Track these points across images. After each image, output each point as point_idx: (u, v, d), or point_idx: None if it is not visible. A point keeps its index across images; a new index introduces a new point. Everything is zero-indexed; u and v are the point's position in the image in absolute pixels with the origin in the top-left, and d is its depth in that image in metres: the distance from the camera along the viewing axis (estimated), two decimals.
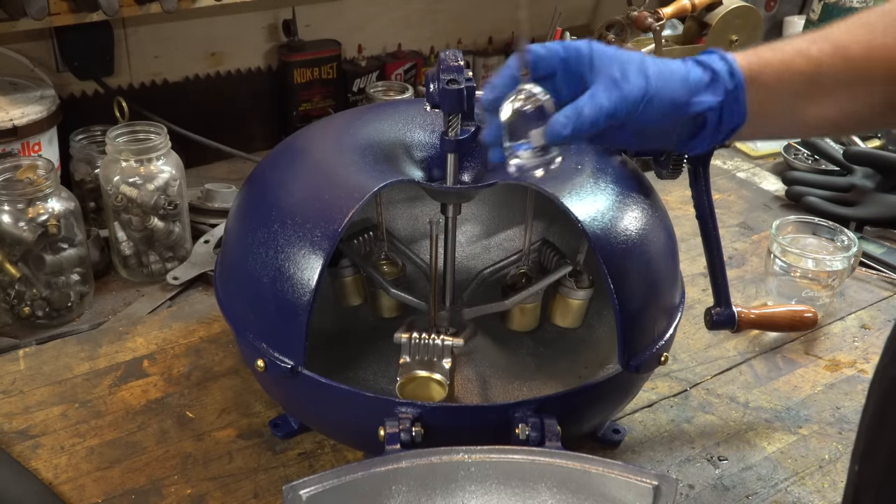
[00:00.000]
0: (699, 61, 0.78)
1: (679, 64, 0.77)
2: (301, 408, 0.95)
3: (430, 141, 0.98)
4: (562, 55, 0.76)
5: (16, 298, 1.17)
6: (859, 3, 1.82)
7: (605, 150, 0.95)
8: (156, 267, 1.28)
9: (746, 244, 1.43)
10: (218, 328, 1.16)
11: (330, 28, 1.67)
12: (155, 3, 1.34)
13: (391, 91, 1.58)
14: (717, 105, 0.76)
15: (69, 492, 0.92)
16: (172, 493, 0.92)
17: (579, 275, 1.05)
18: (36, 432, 0.99)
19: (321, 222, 0.84)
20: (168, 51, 1.53)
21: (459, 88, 0.86)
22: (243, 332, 0.90)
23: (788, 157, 1.65)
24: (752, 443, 1.03)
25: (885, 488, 0.63)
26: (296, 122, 1.64)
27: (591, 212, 0.86)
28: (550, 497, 0.77)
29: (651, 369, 0.94)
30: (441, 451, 0.77)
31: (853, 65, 0.75)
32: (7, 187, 1.13)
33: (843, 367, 1.16)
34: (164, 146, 1.24)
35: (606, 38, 1.59)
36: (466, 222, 1.19)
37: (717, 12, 1.60)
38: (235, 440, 1.00)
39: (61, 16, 1.29)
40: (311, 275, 0.83)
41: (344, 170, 0.90)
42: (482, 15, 1.83)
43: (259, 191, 0.94)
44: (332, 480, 0.75)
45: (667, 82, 0.75)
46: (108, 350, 1.13)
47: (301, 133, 1.02)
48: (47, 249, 1.15)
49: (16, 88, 1.33)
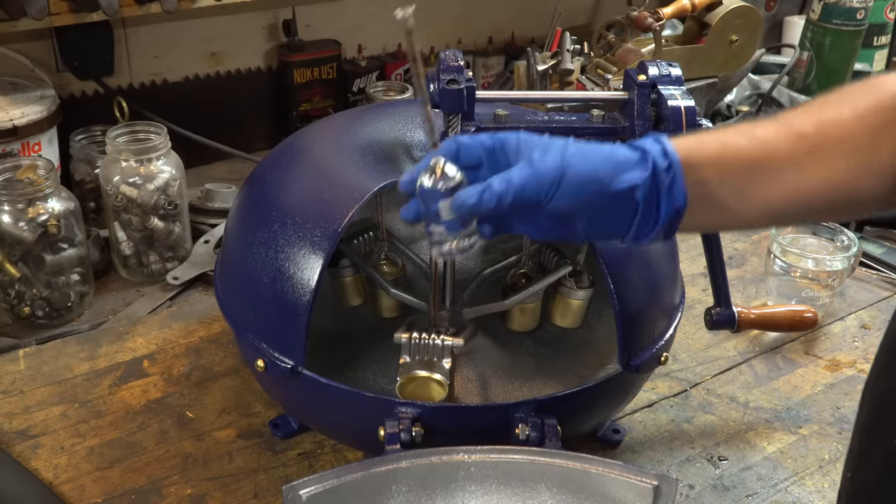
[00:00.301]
0: (631, 143, 0.73)
1: (608, 145, 0.73)
2: (301, 408, 0.95)
3: None
4: (487, 145, 0.73)
5: (16, 298, 1.17)
6: (859, 3, 1.82)
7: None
8: (156, 267, 1.28)
9: (746, 244, 1.43)
10: (218, 328, 1.16)
11: (330, 28, 1.67)
12: (155, 3, 1.34)
13: (391, 91, 1.58)
14: (644, 181, 0.70)
15: (69, 492, 0.92)
16: (172, 493, 0.92)
17: (579, 275, 1.05)
18: (36, 432, 0.99)
19: (321, 222, 0.84)
20: (168, 51, 1.53)
21: (459, 88, 0.86)
22: (243, 332, 0.90)
23: None
24: (752, 443, 1.03)
25: (881, 492, 0.63)
26: (296, 122, 1.64)
27: None
28: (550, 497, 0.77)
29: (651, 369, 0.94)
30: (441, 451, 0.77)
31: (806, 141, 0.71)
32: (7, 187, 1.13)
33: (844, 367, 1.16)
34: (164, 146, 1.24)
35: (606, 38, 1.59)
36: None
37: (717, 12, 1.60)
38: (235, 440, 1.00)
39: (61, 16, 1.29)
40: (311, 275, 0.83)
41: (344, 170, 0.90)
42: (482, 15, 1.83)
43: (259, 191, 0.94)
44: (332, 480, 0.75)
45: (587, 159, 0.70)
46: (108, 350, 1.13)
47: (301, 133, 1.02)
48: (47, 249, 1.15)
49: (16, 88, 1.33)
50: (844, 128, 0.71)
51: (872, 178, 0.70)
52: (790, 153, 0.71)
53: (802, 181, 0.71)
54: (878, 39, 1.99)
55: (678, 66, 0.94)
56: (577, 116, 0.99)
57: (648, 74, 0.92)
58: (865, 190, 0.71)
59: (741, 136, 0.72)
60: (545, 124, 0.97)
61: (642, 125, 0.93)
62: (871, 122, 0.70)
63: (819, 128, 0.71)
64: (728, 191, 0.72)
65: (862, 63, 1.97)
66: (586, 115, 0.98)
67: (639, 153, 0.71)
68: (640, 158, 0.71)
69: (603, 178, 0.70)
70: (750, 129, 0.73)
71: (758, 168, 0.72)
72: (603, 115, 0.97)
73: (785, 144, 0.71)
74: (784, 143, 0.71)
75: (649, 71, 0.92)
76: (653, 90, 0.92)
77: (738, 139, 0.72)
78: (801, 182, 0.71)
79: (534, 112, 1.01)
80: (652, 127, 0.93)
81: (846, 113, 0.71)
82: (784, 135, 0.72)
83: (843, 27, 1.84)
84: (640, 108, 0.93)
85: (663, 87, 0.91)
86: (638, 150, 0.71)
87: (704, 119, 0.93)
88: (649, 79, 0.92)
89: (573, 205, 0.70)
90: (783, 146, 0.71)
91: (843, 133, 0.71)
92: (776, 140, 0.72)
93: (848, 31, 1.85)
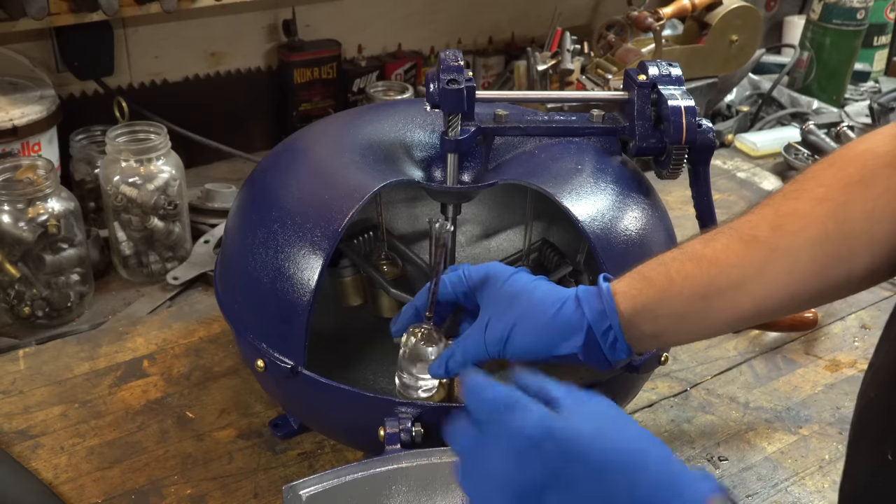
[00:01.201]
0: (578, 296, 0.75)
1: (553, 300, 0.76)
2: (301, 408, 0.95)
3: (430, 141, 0.98)
4: (463, 289, 0.82)
5: (16, 298, 1.17)
6: (859, 3, 1.82)
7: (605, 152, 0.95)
8: (156, 267, 1.28)
9: None
10: (218, 328, 1.16)
11: (330, 28, 1.67)
12: (155, 3, 1.34)
13: (391, 91, 1.58)
14: (580, 349, 0.74)
15: (69, 492, 0.92)
16: (172, 493, 0.92)
17: (579, 275, 1.05)
18: (36, 432, 0.99)
19: (321, 222, 0.84)
20: (168, 51, 1.53)
21: (459, 88, 0.86)
22: (243, 332, 0.90)
23: (788, 157, 1.64)
24: (752, 443, 1.03)
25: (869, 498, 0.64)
26: (296, 122, 1.64)
27: (590, 212, 0.86)
28: None
29: (651, 369, 0.94)
30: (441, 451, 0.77)
31: (761, 245, 0.69)
32: (7, 187, 1.13)
33: (844, 367, 1.16)
34: (164, 146, 1.24)
35: (606, 38, 1.59)
36: (466, 222, 1.18)
37: (717, 12, 1.60)
38: (235, 440, 1.00)
39: (61, 16, 1.29)
40: (311, 275, 0.83)
41: (344, 170, 0.90)
42: (482, 15, 1.83)
43: (259, 191, 0.94)
44: (332, 480, 0.75)
45: (526, 330, 0.76)
46: (108, 350, 1.13)
47: (301, 133, 1.02)
48: (47, 249, 1.15)
49: (16, 88, 1.33)
50: (803, 218, 0.68)
51: (842, 264, 0.68)
52: (745, 264, 0.69)
53: (765, 286, 0.69)
54: (878, 39, 1.99)
55: (678, 66, 0.94)
56: (577, 116, 0.99)
57: (648, 74, 0.92)
58: (837, 276, 0.68)
59: (689, 263, 0.71)
60: (545, 124, 0.97)
61: (642, 125, 0.93)
62: (833, 206, 0.67)
63: (775, 226, 0.69)
64: (686, 321, 0.72)
65: (862, 63, 1.97)
66: (586, 115, 0.98)
67: (579, 314, 0.74)
68: (577, 326, 0.74)
69: (539, 351, 0.76)
70: (699, 249, 0.71)
71: (713, 293, 0.70)
72: (603, 115, 0.97)
73: (737, 258, 0.69)
74: (735, 256, 0.70)
75: (649, 71, 0.92)
76: (653, 90, 0.92)
77: (687, 266, 0.71)
78: (764, 287, 0.69)
79: (534, 112, 1.01)
80: (652, 127, 0.93)
81: (804, 202, 0.68)
82: (735, 248, 0.70)
83: (843, 27, 1.84)
84: (640, 108, 0.93)
85: (663, 87, 0.91)
86: (579, 311, 0.74)
87: (704, 119, 0.93)
88: (649, 79, 0.92)
89: (523, 360, 0.76)
90: (735, 260, 0.69)
91: (802, 224, 0.68)
92: (726, 256, 0.70)
93: (848, 31, 1.85)
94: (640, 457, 0.55)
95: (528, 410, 0.58)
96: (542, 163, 0.93)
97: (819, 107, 1.84)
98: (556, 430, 0.56)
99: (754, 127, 1.81)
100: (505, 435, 0.58)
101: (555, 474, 0.55)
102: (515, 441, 0.57)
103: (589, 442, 0.55)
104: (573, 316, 0.74)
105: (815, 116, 1.79)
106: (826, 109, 1.84)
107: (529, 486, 0.56)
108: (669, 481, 0.54)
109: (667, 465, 0.55)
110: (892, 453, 0.59)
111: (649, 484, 0.53)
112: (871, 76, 2.01)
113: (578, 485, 0.54)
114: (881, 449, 0.60)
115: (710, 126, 0.93)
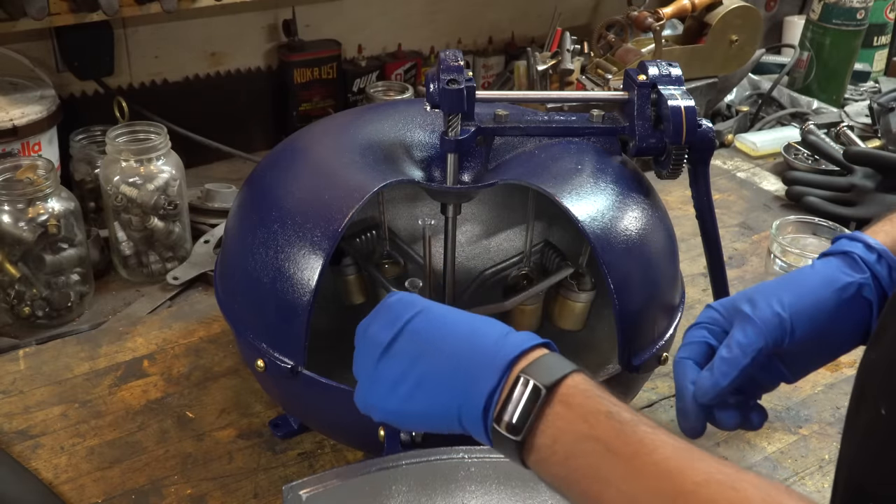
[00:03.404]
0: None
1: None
2: (301, 408, 0.95)
3: (430, 141, 0.98)
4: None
5: (16, 298, 1.17)
6: (859, 3, 1.82)
7: (604, 152, 0.95)
8: (156, 267, 1.28)
9: (746, 244, 1.43)
10: (218, 328, 1.16)
11: (330, 28, 1.67)
12: (155, 3, 1.34)
13: (391, 91, 1.58)
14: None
15: (69, 492, 0.92)
16: (172, 493, 0.92)
17: (581, 277, 1.04)
18: (36, 432, 0.99)
19: (321, 222, 0.84)
20: (168, 51, 1.53)
21: (459, 88, 0.86)
22: (243, 332, 0.90)
23: (788, 157, 1.64)
24: (752, 443, 1.03)
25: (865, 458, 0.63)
26: (296, 122, 1.64)
27: (591, 212, 0.86)
28: (550, 497, 0.77)
29: (651, 369, 0.94)
30: (441, 451, 0.77)
31: None
32: (7, 187, 1.13)
33: (844, 367, 1.16)
34: (164, 146, 1.24)
35: (606, 38, 1.59)
36: (466, 222, 1.18)
37: (717, 12, 1.60)
38: (235, 440, 1.00)
39: (61, 16, 1.29)
40: (311, 275, 0.83)
41: (344, 170, 0.90)
42: (482, 15, 1.83)
43: (259, 191, 0.94)
44: (332, 480, 0.75)
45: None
46: (108, 350, 1.13)
47: (301, 133, 1.02)
48: (47, 249, 1.15)
49: (16, 88, 1.33)
50: None
51: None
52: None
53: None
54: (878, 39, 1.99)
55: (678, 66, 0.94)
56: (577, 116, 0.99)
57: (648, 74, 0.92)
58: None
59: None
60: (545, 124, 0.97)
61: (642, 125, 0.93)
62: None
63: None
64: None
65: (862, 63, 1.97)
66: (586, 115, 0.98)
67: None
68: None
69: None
70: None
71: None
72: (603, 115, 0.97)
73: None
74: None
75: (649, 71, 0.92)
76: (653, 90, 0.92)
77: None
78: None
79: (534, 112, 1.01)
80: (652, 127, 0.93)
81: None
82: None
83: (843, 27, 1.84)
84: (640, 108, 0.93)
85: (663, 87, 0.91)
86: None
87: (704, 119, 0.93)
88: (649, 79, 0.92)
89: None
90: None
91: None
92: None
93: (848, 31, 1.85)
94: (478, 321, 0.69)
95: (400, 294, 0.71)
96: (542, 163, 0.93)
97: (819, 107, 1.84)
98: (413, 298, 0.70)
99: (754, 127, 1.81)
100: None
101: (403, 328, 0.68)
102: (381, 306, 0.71)
103: (435, 307, 0.69)
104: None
105: (815, 116, 1.79)
106: (826, 109, 1.84)
107: (383, 337, 0.69)
108: (500, 330, 0.66)
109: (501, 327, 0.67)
110: (885, 408, 0.59)
111: (482, 333, 0.66)
112: (870, 76, 2.01)
113: (421, 333, 0.67)
114: (877, 405, 0.60)
115: (710, 126, 0.93)
